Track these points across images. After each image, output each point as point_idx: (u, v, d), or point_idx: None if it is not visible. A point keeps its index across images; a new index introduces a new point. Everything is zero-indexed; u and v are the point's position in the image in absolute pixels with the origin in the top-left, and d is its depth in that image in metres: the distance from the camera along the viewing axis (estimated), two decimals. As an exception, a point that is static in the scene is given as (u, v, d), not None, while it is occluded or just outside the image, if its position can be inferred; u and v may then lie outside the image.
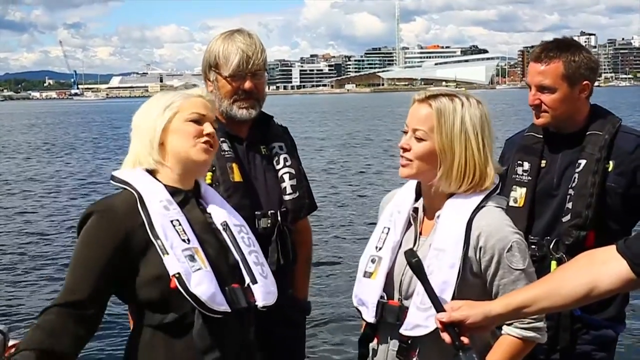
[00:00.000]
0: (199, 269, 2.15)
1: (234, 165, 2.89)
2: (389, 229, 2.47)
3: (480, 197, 2.36)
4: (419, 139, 2.36)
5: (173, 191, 2.29)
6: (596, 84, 3.11)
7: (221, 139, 2.86)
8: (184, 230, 2.20)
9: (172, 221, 2.20)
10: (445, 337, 2.08)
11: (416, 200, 2.50)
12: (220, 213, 2.40)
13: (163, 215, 2.20)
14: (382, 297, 2.40)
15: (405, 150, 2.38)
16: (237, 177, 2.89)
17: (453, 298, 2.24)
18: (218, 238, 2.33)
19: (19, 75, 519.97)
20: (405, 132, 2.41)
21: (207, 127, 2.34)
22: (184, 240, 2.18)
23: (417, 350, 2.35)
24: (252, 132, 3.05)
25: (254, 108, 2.97)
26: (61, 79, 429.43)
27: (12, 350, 2.09)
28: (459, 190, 2.37)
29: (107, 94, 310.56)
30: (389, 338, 2.42)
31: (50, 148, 35.20)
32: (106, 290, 2.20)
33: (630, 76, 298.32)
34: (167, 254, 2.14)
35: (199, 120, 2.33)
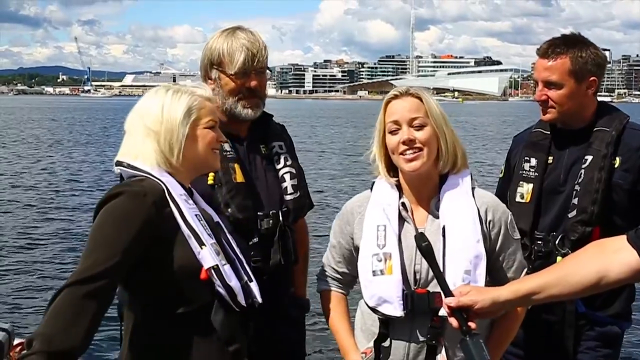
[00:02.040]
0: (225, 264, 2.20)
1: (236, 165, 2.86)
2: (384, 225, 2.48)
3: (469, 178, 2.52)
4: (420, 127, 2.42)
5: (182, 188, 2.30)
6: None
7: None
8: (205, 225, 2.23)
9: (195, 215, 2.22)
10: (453, 321, 2.09)
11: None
12: (212, 214, 2.43)
13: (188, 208, 2.21)
14: (402, 289, 2.40)
15: (410, 141, 2.41)
16: (239, 177, 2.85)
17: (487, 270, 2.36)
18: (219, 236, 2.34)
19: (32, 70, 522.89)
20: (394, 132, 2.45)
21: (221, 134, 2.39)
22: (209, 235, 2.21)
23: (447, 335, 2.36)
24: (252, 132, 3.02)
25: (258, 107, 2.94)
26: (74, 75, 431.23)
27: (18, 348, 2.06)
28: (453, 169, 2.50)
29: (120, 92, 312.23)
30: (410, 331, 2.42)
31: (52, 141, 35.37)
32: (122, 274, 2.13)
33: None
34: (205, 245, 2.16)
35: (214, 127, 2.36)
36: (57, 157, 27.83)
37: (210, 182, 2.77)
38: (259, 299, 2.34)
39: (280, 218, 2.94)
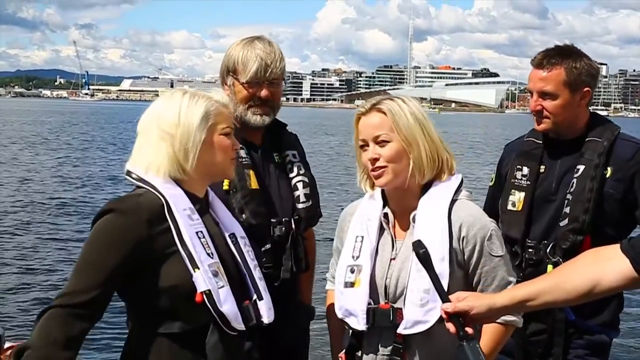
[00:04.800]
0: (222, 287, 2.14)
1: (250, 172, 2.90)
2: (362, 237, 2.49)
3: (452, 191, 2.46)
4: (384, 143, 2.41)
5: (192, 199, 2.24)
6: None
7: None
8: (207, 243, 2.17)
9: (197, 232, 2.16)
10: (450, 327, 2.11)
11: (383, 206, 2.54)
12: (228, 224, 2.38)
13: (189, 225, 2.15)
14: (369, 303, 2.42)
15: (375, 160, 2.42)
16: (253, 184, 2.89)
17: (447, 290, 2.28)
18: (229, 251, 2.31)
19: (30, 73, 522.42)
20: (364, 149, 2.46)
21: (237, 142, 2.36)
22: (209, 255, 2.15)
23: (411, 351, 2.38)
24: (266, 140, 3.06)
25: (268, 115, 2.98)
26: (71, 78, 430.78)
27: (8, 353, 2.04)
28: (439, 177, 2.46)
29: (117, 96, 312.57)
30: (378, 344, 2.44)
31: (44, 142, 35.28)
32: (112, 292, 2.14)
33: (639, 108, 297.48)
34: (198, 268, 2.10)
35: (230, 134, 2.31)
36: (47, 158, 27.88)
37: (225, 187, 2.80)
38: (267, 319, 2.30)
39: (292, 226, 2.97)
